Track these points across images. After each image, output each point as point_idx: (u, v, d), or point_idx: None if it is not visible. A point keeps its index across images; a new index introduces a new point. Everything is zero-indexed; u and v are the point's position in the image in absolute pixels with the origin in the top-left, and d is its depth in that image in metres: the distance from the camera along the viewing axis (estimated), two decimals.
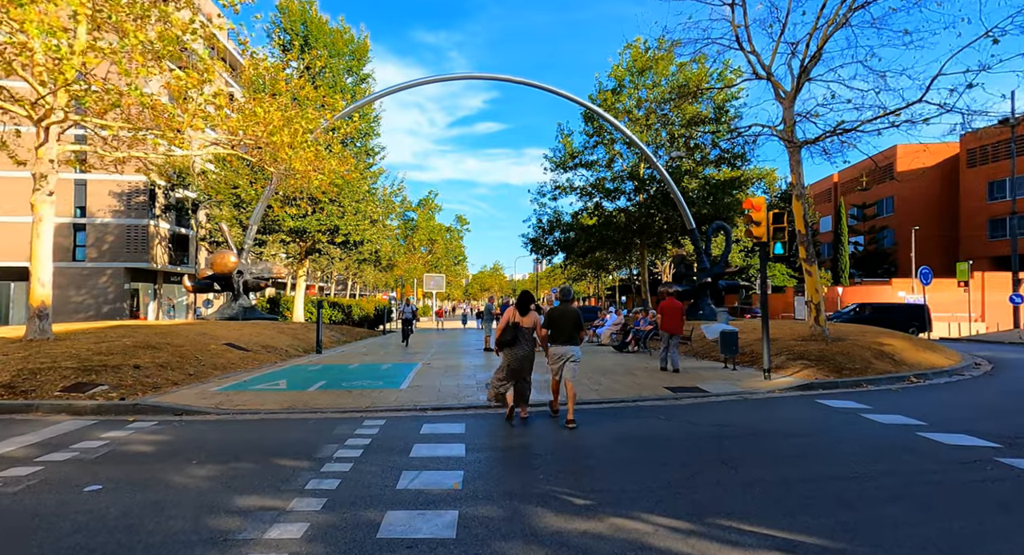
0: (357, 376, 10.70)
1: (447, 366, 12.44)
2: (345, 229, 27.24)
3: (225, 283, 21.95)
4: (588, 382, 9.81)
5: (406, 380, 10.12)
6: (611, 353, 15.66)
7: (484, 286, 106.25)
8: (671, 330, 12.25)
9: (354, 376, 10.69)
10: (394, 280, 53.89)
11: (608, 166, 32.14)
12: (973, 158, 49.76)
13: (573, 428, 6.47)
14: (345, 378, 10.36)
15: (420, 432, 6.31)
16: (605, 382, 9.82)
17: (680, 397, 8.27)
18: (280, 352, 14.89)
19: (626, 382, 9.72)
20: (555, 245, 32.59)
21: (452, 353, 16.31)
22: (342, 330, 25.86)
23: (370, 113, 29.85)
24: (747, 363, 11.59)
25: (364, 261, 58.49)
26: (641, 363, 12.91)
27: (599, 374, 10.86)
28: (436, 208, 58.72)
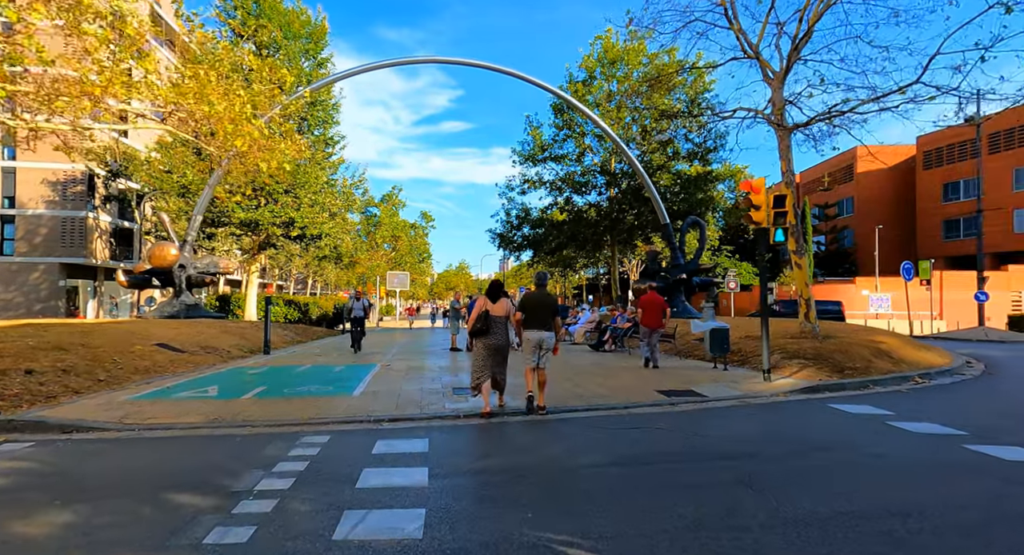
0: (304, 380, 9.33)
1: (409, 368, 11.17)
2: (301, 222, 25.50)
3: (166, 278, 20.04)
4: (569, 385, 8.73)
5: (361, 385, 8.82)
6: (587, 352, 14.64)
7: (450, 285, 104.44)
8: (652, 325, 11.54)
9: (301, 380, 9.32)
10: (356, 278, 51.90)
11: (578, 160, 31.26)
12: (929, 160, 51.07)
13: (544, 414, 6.71)
14: (290, 383, 8.99)
15: (372, 451, 5.07)
16: (588, 385, 8.74)
17: (676, 403, 7.26)
18: (221, 353, 13.31)
19: (612, 385, 8.67)
20: (523, 241, 31.53)
21: (416, 353, 15.00)
22: (298, 329, 24.14)
23: (329, 100, 28.16)
24: (738, 363, 10.71)
25: (324, 258, 56.47)
26: (620, 362, 11.93)
27: (580, 375, 9.79)
28: (400, 204, 56.99)
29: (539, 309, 6.80)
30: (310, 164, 26.46)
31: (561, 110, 30.27)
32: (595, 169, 30.80)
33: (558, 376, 9.47)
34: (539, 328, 6.78)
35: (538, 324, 6.78)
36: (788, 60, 11.62)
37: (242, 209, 24.29)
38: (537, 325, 6.78)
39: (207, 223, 26.66)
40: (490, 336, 6.78)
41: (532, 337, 6.80)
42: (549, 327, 6.83)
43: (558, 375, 9.54)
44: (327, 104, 28.14)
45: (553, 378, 9.04)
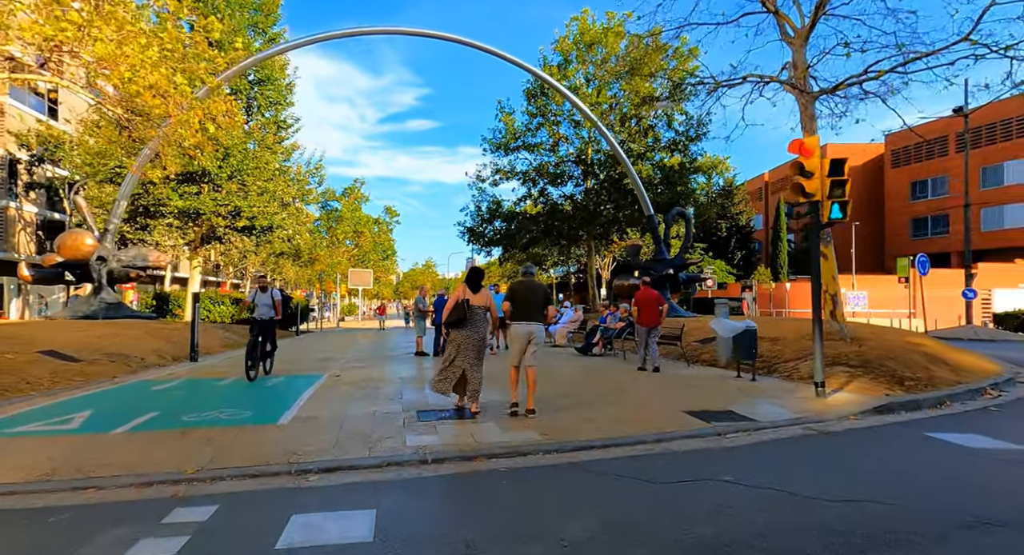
0: (220, 399, 7.09)
1: (363, 380, 9.00)
2: (248, 212, 22.83)
3: (82, 273, 17.23)
4: (570, 403, 6.75)
5: (293, 406, 6.63)
6: (573, 357, 12.72)
7: (416, 284, 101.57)
8: (650, 324, 9.93)
9: (215, 400, 7.07)
10: (315, 275, 48.90)
11: (552, 150, 29.38)
12: (897, 158, 51.23)
13: (533, 416, 6.07)
14: (198, 404, 6.73)
15: (277, 546, 2.97)
16: (596, 404, 6.77)
17: (722, 431, 5.33)
18: (132, 362, 10.84)
19: (626, 404, 6.72)
20: (495, 235, 29.46)
21: (375, 359, 12.80)
22: (243, 331, 21.50)
23: (281, 79, 25.52)
24: (763, 370, 8.91)
25: (282, 255, 53.19)
26: (618, 369, 10.04)
27: (579, 389, 7.82)
28: (363, 198, 54.14)
29: (529, 298, 6.31)
30: (259, 147, 23.84)
31: (535, 95, 28.34)
32: (570, 159, 29.01)
33: (552, 390, 7.49)
34: (529, 320, 6.30)
35: (528, 315, 6.30)
36: (814, 13, 9.92)
37: (180, 197, 21.51)
38: (527, 316, 6.30)
39: (141, 213, 23.73)
40: (467, 328, 6.20)
41: (521, 330, 6.28)
42: (540, 319, 6.37)
43: (552, 389, 7.56)
44: (279, 84, 25.51)
45: (549, 394, 7.08)
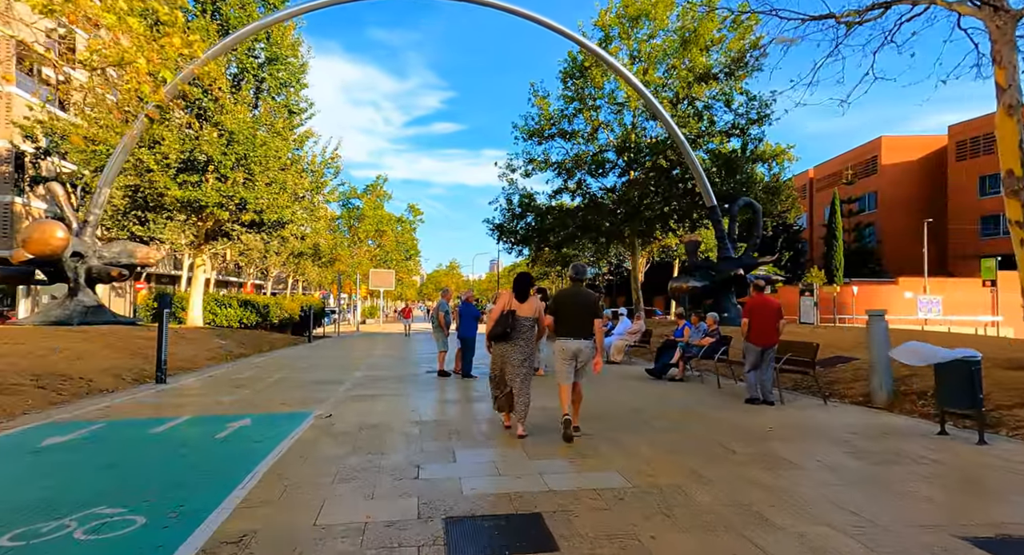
0: (113, 480, 4.35)
1: (363, 426, 6.19)
2: (255, 204, 20.39)
3: (56, 271, 14.92)
4: (683, 500, 3.79)
5: (229, 496, 3.82)
6: (643, 381, 9.76)
7: (439, 286, 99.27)
8: (767, 341, 7.24)
9: (104, 481, 4.34)
10: (335, 276, 46.73)
11: (590, 139, 26.40)
12: (963, 151, 46.88)
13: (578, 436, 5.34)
14: (70, 491, 3.99)
15: None
16: (742, 491, 3.81)
17: None
18: (70, 387, 8.26)
19: (799, 498, 3.76)
20: (527, 232, 26.55)
21: (388, 382, 10.03)
22: (248, 337, 19.09)
23: (294, 59, 23.05)
24: (966, 422, 5.80)
25: (301, 255, 51.22)
26: (715, 402, 7.06)
27: (682, 444, 4.85)
28: (385, 196, 51.83)
29: (575, 310, 5.45)
30: (269, 133, 21.42)
31: (573, 76, 25.38)
32: (610, 148, 25.99)
33: (642, 444, 4.55)
34: (575, 335, 5.41)
35: (574, 330, 5.42)
36: None
37: (179, 186, 19.15)
38: (573, 331, 5.42)
39: (139, 205, 21.52)
40: (513, 342, 5.52)
41: (567, 347, 5.40)
42: (588, 333, 5.41)
43: (640, 440, 4.63)
44: (291, 64, 23.07)
45: (641, 450, 4.13)
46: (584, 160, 25.83)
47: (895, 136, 52.11)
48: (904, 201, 50.02)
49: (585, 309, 5.44)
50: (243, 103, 20.16)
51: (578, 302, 5.50)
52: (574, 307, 5.47)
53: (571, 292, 5.62)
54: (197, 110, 20.24)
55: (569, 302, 5.52)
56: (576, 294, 5.57)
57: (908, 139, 51.63)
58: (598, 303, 5.60)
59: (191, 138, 19.12)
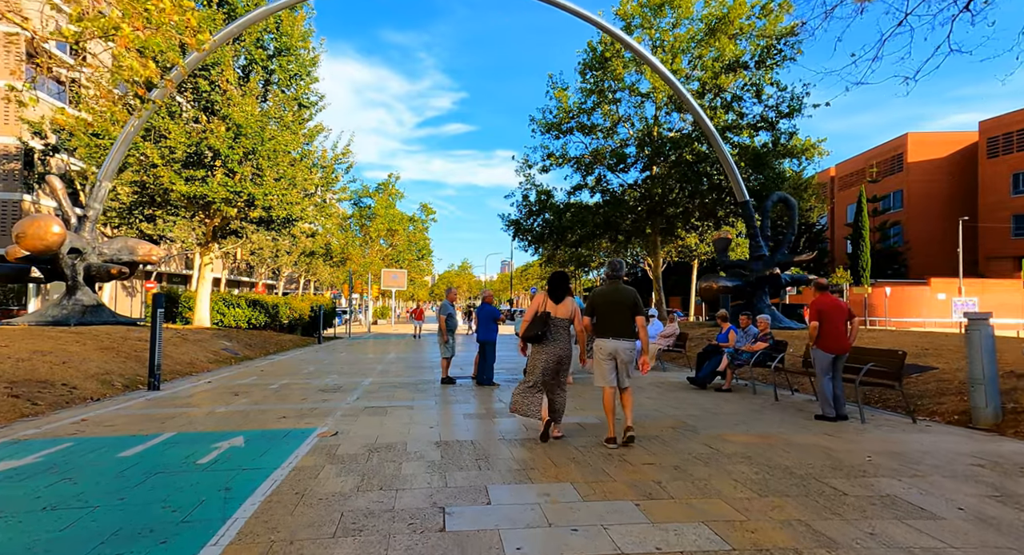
0: (35, 529, 3.46)
1: (373, 448, 5.26)
2: (263, 200, 19.59)
3: (53, 269, 14.19)
4: None
5: (204, 548, 2.94)
6: (684, 390, 8.74)
7: (452, 286, 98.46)
8: (839, 348, 6.45)
9: (43, 527, 3.45)
10: (345, 275, 46.04)
11: (609, 134, 25.35)
12: (994, 147, 45.19)
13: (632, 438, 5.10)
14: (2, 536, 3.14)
15: None
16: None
17: None
18: (50, 394, 7.41)
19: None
20: (544, 229, 25.53)
21: (399, 390, 9.10)
22: (256, 338, 18.31)
23: (306, 50, 22.24)
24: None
25: (313, 254, 50.62)
26: (784, 419, 6.01)
27: (766, 483, 3.84)
28: (397, 195, 51.06)
29: (615, 309, 5.22)
30: (278, 127, 20.64)
31: (592, 67, 24.35)
32: (632, 141, 24.92)
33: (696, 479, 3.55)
34: (615, 335, 5.19)
35: (614, 330, 5.20)
36: None
37: (185, 182, 18.39)
38: (614, 331, 5.20)
39: (145, 202, 20.83)
40: (549, 344, 5.35)
41: (606, 347, 5.19)
42: (629, 333, 5.20)
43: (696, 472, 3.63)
44: (302, 56, 22.27)
45: None
46: (603, 155, 24.80)
47: (922, 132, 50.48)
48: (932, 199, 48.37)
49: (625, 307, 5.22)
50: (251, 95, 19.40)
51: (617, 300, 5.26)
52: (613, 305, 5.25)
53: (609, 290, 5.36)
54: (205, 103, 19.52)
55: (607, 300, 5.29)
56: (614, 292, 5.32)
57: (936, 135, 49.95)
58: (638, 300, 5.33)
59: (198, 132, 18.38)
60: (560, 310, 5.42)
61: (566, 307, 5.44)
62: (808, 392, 8.41)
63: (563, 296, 5.47)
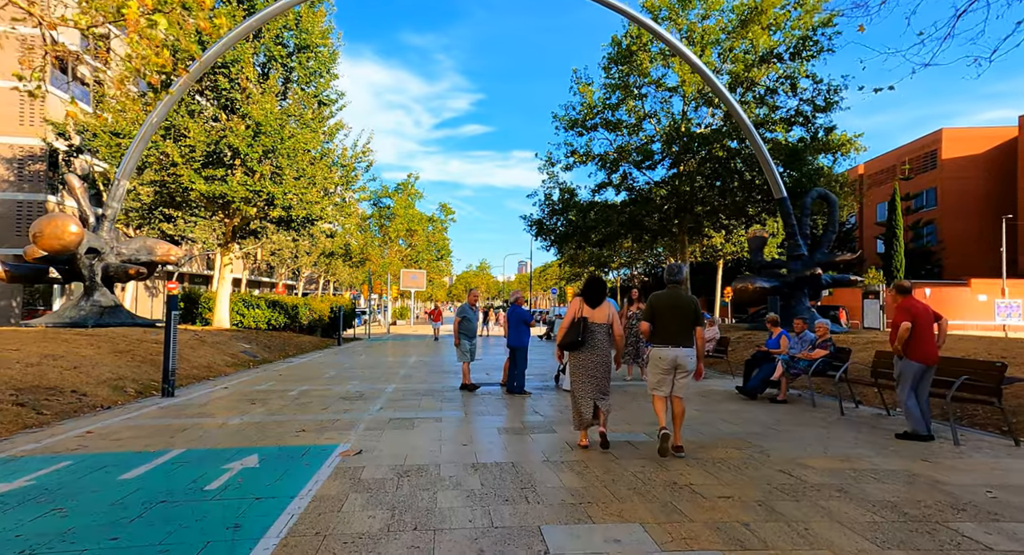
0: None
1: (403, 470, 4.66)
2: (283, 200, 19.24)
3: (71, 269, 13.92)
4: None
5: None
6: (734, 400, 8.02)
7: (469, 286, 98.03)
8: (929, 358, 5.70)
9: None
10: (365, 276, 45.84)
11: (635, 130, 24.57)
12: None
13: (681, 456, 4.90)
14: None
15: None
16: None
17: None
18: (57, 402, 6.98)
19: None
20: (568, 228, 24.81)
21: (426, 397, 8.53)
22: (277, 339, 17.95)
23: (325, 46, 21.86)
24: None
25: (332, 255, 50.53)
26: (862, 438, 5.28)
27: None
28: (417, 195, 50.77)
29: (674, 316, 5.05)
30: (297, 125, 20.30)
31: (618, 61, 23.60)
32: (658, 138, 24.12)
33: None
34: (674, 343, 5.02)
35: (673, 338, 5.04)
36: None
37: (204, 181, 18.10)
38: (671, 339, 5.04)
39: (165, 202, 20.64)
40: (588, 351, 5.23)
41: (665, 355, 5.02)
42: (690, 342, 5.03)
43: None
44: (322, 53, 21.90)
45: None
46: (629, 152, 24.04)
47: (957, 128, 48.67)
48: (968, 197, 46.57)
49: (684, 315, 5.06)
50: (271, 93, 19.06)
51: (676, 306, 5.08)
52: (672, 312, 5.07)
53: (668, 296, 5.19)
54: (224, 101, 19.26)
55: (666, 307, 5.10)
56: (673, 298, 5.14)
57: (972, 131, 48.12)
58: (699, 308, 5.14)
59: (217, 130, 18.10)
60: (597, 315, 5.30)
61: (603, 311, 5.32)
62: (875, 404, 7.64)
63: (600, 300, 5.35)
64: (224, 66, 18.39)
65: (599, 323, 5.31)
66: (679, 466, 4.69)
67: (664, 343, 5.06)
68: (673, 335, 5.05)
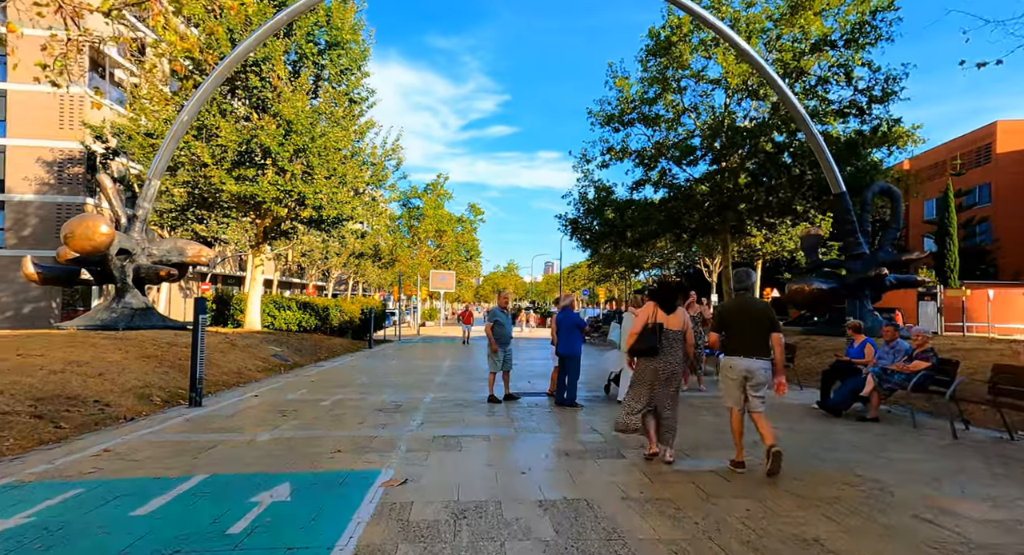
0: None
1: (457, 509, 3.97)
2: (314, 200, 18.87)
3: (102, 270, 13.69)
4: None
5: None
6: (815, 418, 7.10)
7: (498, 287, 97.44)
8: None
9: None
10: (395, 277, 45.63)
11: (672, 126, 23.55)
12: None
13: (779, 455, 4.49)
14: None
15: None
16: None
17: None
18: (79, 412, 6.49)
19: None
20: (604, 227, 23.88)
21: (470, 414, 7.83)
22: (308, 342, 17.54)
23: (356, 43, 21.44)
24: None
25: (362, 255, 50.49)
26: (985, 468, 4.39)
27: None
28: (446, 195, 50.40)
29: (747, 324, 4.76)
30: (328, 123, 19.91)
31: (657, 53, 22.61)
32: (697, 133, 23.05)
33: None
34: (747, 353, 4.70)
35: (745, 347, 4.72)
36: None
37: (235, 181, 17.83)
38: (744, 349, 4.72)
39: (196, 202, 20.49)
40: (660, 358, 5.00)
41: (736, 366, 4.74)
42: (763, 351, 4.69)
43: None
44: (352, 51, 21.49)
45: None
46: (668, 147, 23.04)
47: (1013, 120, 46.08)
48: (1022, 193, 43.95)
49: (757, 323, 4.77)
50: (301, 91, 18.70)
51: (749, 313, 4.82)
52: (746, 320, 4.80)
53: (739, 303, 4.95)
54: (256, 100, 19.00)
55: (738, 314, 4.86)
56: (745, 305, 4.89)
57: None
58: (773, 314, 4.81)
59: (248, 130, 17.81)
60: (672, 321, 5.07)
61: (678, 318, 5.09)
62: (988, 425, 6.64)
63: (675, 306, 5.14)
64: (255, 64, 18.12)
65: (674, 330, 5.07)
66: (789, 506, 3.87)
67: (737, 353, 4.78)
68: (747, 345, 4.75)
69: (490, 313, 8.60)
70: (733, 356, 4.80)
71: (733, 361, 4.79)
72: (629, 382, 5.30)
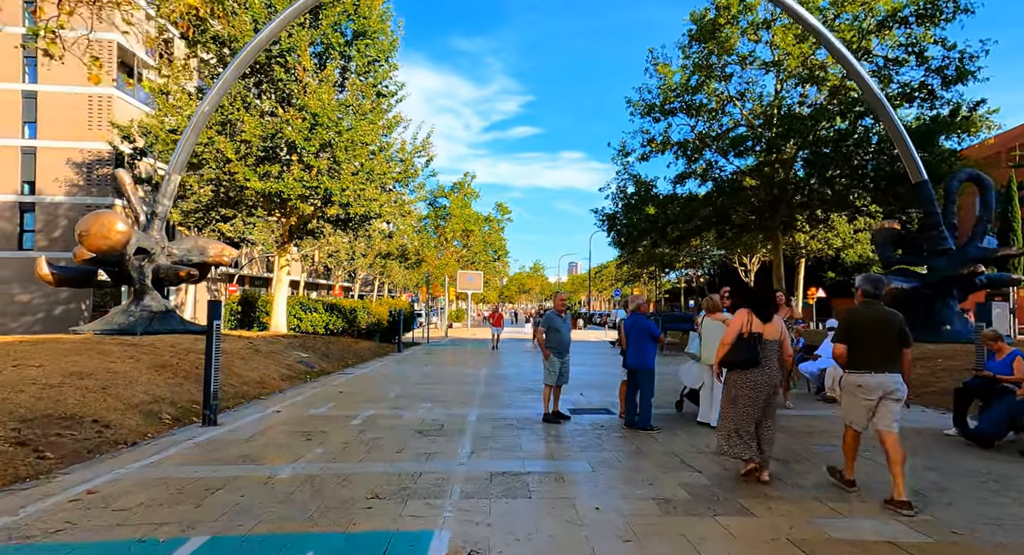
0: None
1: None
2: (340, 197, 17.93)
3: (120, 271, 12.90)
4: None
5: None
6: (956, 448, 5.74)
7: (524, 288, 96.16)
8: None
9: None
10: (422, 278, 44.84)
11: (715, 115, 22.05)
12: None
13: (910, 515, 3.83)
14: None
15: None
16: None
17: None
18: (73, 435, 5.49)
19: None
20: (645, 223, 22.45)
21: (527, 441, 6.65)
22: (335, 346, 16.62)
23: (384, 33, 20.43)
24: None
25: (388, 256, 49.84)
26: None
27: None
28: (473, 194, 49.37)
29: (878, 336, 4.28)
30: (355, 117, 18.97)
31: (702, 38, 21.11)
32: (743, 122, 21.50)
33: None
34: (879, 369, 4.23)
35: (877, 362, 4.24)
36: None
37: (259, 178, 17.00)
38: (876, 363, 4.24)
39: (221, 201, 19.79)
40: (758, 371, 4.68)
41: (868, 383, 4.23)
42: (897, 366, 4.24)
43: None
44: (381, 42, 20.51)
45: None
46: (713, 138, 21.55)
47: None
48: None
49: (888, 335, 4.27)
50: (328, 83, 17.79)
51: (880, 324, 4.31)
52: (878, 332, 4.29)
53: (869, 312, 4.41)
54: (281, 93, 18.20)
55: (867, 324, 4.34)
56: (878, 314, 4.37)
57: None
58: (905, 325, 4.29)
59: (273, 124, 16.99)
60: (769, 330, 4.78)
61: (775, 327, 4.80)
62: None
63: (772, 314, 4.85)
64: (280, 55, 17.31)
65: (771, 340, 4.78)
66: None
67: (867, 368, 4.27)
68: (878, 359, 4.27)
69: (545, 319, 7.33)
70: (864, 372, 4.28)
71: (864, 378, 4.28)
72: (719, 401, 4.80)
